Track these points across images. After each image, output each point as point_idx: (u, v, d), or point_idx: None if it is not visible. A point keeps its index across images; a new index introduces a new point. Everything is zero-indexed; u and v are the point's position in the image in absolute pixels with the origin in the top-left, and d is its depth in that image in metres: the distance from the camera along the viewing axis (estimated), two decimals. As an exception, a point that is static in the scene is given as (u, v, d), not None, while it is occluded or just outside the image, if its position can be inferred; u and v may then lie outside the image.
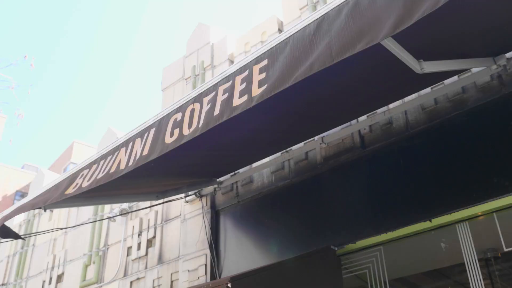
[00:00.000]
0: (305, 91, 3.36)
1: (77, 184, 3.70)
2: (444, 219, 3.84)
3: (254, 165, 5.15)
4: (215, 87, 3.05)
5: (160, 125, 3.31)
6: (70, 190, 3.71)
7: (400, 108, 4.25)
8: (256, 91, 2.70)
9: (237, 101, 2.80)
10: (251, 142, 4.28)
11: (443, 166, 3.90)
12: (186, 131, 3.05)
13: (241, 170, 5.24)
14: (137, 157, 3.27)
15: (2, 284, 8.22)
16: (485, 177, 3.65)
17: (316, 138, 4.73)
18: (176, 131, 3.12)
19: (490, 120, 3.79)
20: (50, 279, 7.32)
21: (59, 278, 7.22)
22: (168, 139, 3.15)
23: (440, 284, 5.70)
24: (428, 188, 3.91)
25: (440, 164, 3.92)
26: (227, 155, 4.47)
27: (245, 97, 2.75)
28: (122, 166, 3.35)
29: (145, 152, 3.28)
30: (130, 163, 3.29)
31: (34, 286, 7.59)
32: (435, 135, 4.03)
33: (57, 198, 3.79)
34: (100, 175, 3.45)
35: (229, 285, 3.11)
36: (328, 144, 4.65)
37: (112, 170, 3.40)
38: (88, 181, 3.53)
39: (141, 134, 3.46)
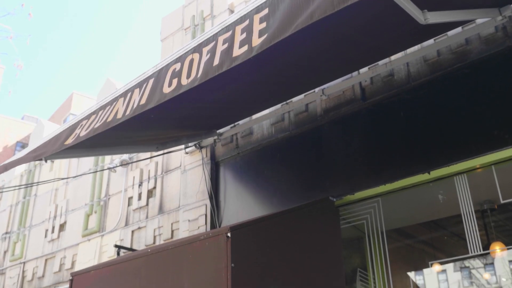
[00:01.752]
0: (306, 42, 3.31)
1: (76, 134, 3.70)
2: (443, 171, 3.86)
3: (254, 116, 5.14)
4: (214, 37, 2.99)
5: (159, 75, 3.27)
6: (69, 141, 3.71)
7: (402, 60, 4.20)
8: (256, 41, 2.65)
9: (237, 51, 2.75)
10: (251, 94, 4.25)
11: (444, 118, 3.89)
12: (184, 81, 3.02)
13: (241, 122, 5.23)
14: (134, 106, 3.25)
15: (6, 233, 8.37)
16: (485, 130, 3.65)
17: (316, 90, 4.69)
18: (175, 81, 3.08)
19: (492, 72, 3.75)
20: (53, 228, 7.45)
21: (62, 227, 7.34)
22: (166, 89, 3.12)
23: (436, 235, 5.81)
24: (427, 141, 3.92)
25: (441, 116, 3.91)
26: (227, 107, 4.45)
27: (245, 47, 2.70)
28: (119, 115, 3.33)
29: (143, 101, 3.25)
30: (128, 112, 3.27)
31: (37, 234, 7.73)
32: (437, 87, 4.00)
33: (57, 148, 3.80)
34: (98, 124, 3.45)
35: (228, 234, 3.16)
36: (328, 96, 4.62)
37: (109, 119, 3.39)
38: (86, 130, 3.53)
39: (139, 84, 3.43)
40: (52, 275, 7.09)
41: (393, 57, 4.26)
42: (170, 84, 3.09)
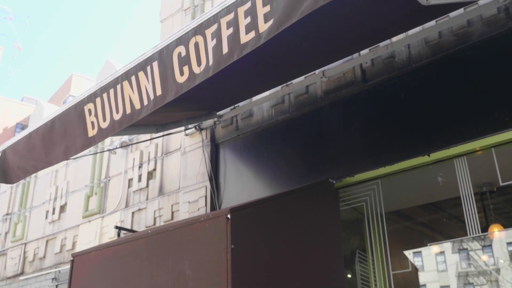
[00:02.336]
0: (307, 24, 3.28)
1: (93, 124, 3.61)
2: (443, 154, 3.86)
3: (254, 98, 5.12)
4: (215, 18, 2.96)
5: (162, 58, 3.21)
6: (92, 133, 3.62)
7: (403, 42, 4.17)
8: (262, 26, 2.63)
9: (244, 37, 2.72)
10: (251, 76, 4.23)
11: (444, 100, 3.88)
12: (196, 69, 2.97)
13: (241, 104, 5.22)
14: (151, 96, 3.20)
15: (7, 214, 8.41)
16: (485, 112, 3.64)
17: (316, 71, 4.67)
18: (186, 69, 3.03)
19: (494, 54, 3.73)
20: (53, 209, 7.48)
21: (62, 208, 7.38)
22: (180, 78, 3.06)
23: (435, 217, 5.84)
24: (427, 123, 3.91)
25: (441, 98, 3.90)
26: (227, 89, 4.43)
27: (252, 34, 2.67)
28: (138, 106, 3.28)
29: (158, 91, 3.19)
30: (146, 103, 3.22)
31: (37, 216, 7.77)
32: (438, 69, 3.98)
33: (86, 145, 3.71)
34: (118, 117, 3.38)
35: (228, 216, 3.18)
36: (328, 78, 4.61)
37: (128, 110, 3.33)
38: (105, 121, 3.48)
39: (142, 67, 3.35)
40: (53, 256, 7.14)
41: (394, 39, 4.23)
42: (182, 73, 3.04)
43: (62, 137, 3.85)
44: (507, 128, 3.51)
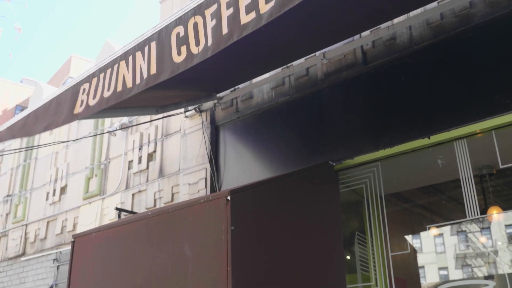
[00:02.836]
0: (308, 4, 3.25)
1: (82, 101, 3.63)
2: (443, 136, 3.86)
3: (254, 80, 5.10)
4: (215, -1, 2.93)
5: (160, 38, 3.20)
6: (78, 109, 3.64)
7: (404, 23, 4.14)
8: (263, 7, 2.59)
9: (244, 18, 2.69)
10: (251, 57, 4.21)
11: (445, 83, 3.86)
12: (194, 50, 2.95)
13: (241, 86, 5.20)
14: (145, 75, 3.18)
15: (8, 195, 8.44)
16: (486, 95, 3.63)
17: (317, 53, 4.64)
18: (184, 49, 3.00)
19: (496, 36, 3.70)
20: (54, 191, 7.50)
21: (63, 190, 7.40)
22: (177, 58, 3.03)
23: (434, 199, 5.86)
24: (428, 105, 3.90)
25: (442, 81, 3.88)
26: (227, 70, 4.41)
27: (253, 14, 2.64)
28: (129, 84, 3.26)
29: (153, 70, 3.17)
30: (138, 82, 3.21)
31: (38, 197, 7.79)
32: (439, 51, 3.96)
33: (68, 119, 3.73)
34: (108, 94, 3.38)
35: (228, 197, 3.18)
36: (329, 60, 4.58)
37: (119, 88, 3.31)
38: (94, 98, 3.47)
39: (140, 47, 3.35)
40: (54, 237, 7.18)
41: (395, 20, 4.20)
42: (179, 53, 3.01)
43: (51, 114, 3.87)
44: (508, 111, 3.50)
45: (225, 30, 2.78)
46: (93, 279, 3.99)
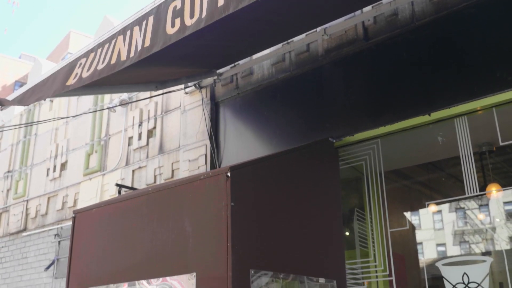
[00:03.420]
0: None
1: (76, 74, 3.64)
2: (443, 113, 3.85)
3: (254, 56, 5.07)
4: (213, -29, 2.89)
5: (158, 12, 3.18)
6: (71, 81, 3.65)
7: (406, -1, 4.09)
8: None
9: (241, -10, 2.66)
10: (251, 32, 4.17)
11: (447, 59, 3.83)
12: (188, 21, 2.93)
13: (241, 62, 5.17)
14: (139, 48, 3.17)
15: (8, 171, 8.46)
16: (488, 71, 3.61)
17: (318, 29, 4.60)
18: (178, 21, 2.99)
19: (499, 12, 3.66)
20: (54, 167, 7.52)
21: (63, 166, 7.41)
22: (170, 30, 3.02)
23: (433, 176, 5.88)
24: (429, 82, 3.88)
25: (444, 57, 3.85)
26: (227, 46, 4.38)
27: (250, -14, 2.61)
28: (123, 57, 3.26)
29: (147, 43, 3.17)
30: (132, 54, 3.20)
31: (39, 173, 7.82)
32: (441, 27, 3.92)
33: (59, 90, 3.74)
34: (101, 66, 3.38)
35: (228, 174, 3.19)
36: (330, 36, 4.54)
37: (113, 61, 3.31)
38: (88, 71, 3.47)
39: (138, 22, 3.34)
40: (55, 213, 7.23)
41: (397, -4, 4.15)
42: (173, 25, 3.00)
43: (46, 87, 3.87)
44: (510, 88, 3.49)
45: (220, 2, 2.75)
46: (94, 254, 4.03)
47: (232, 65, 5.22)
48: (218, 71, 5.27)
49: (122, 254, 3.81)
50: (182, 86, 5.58)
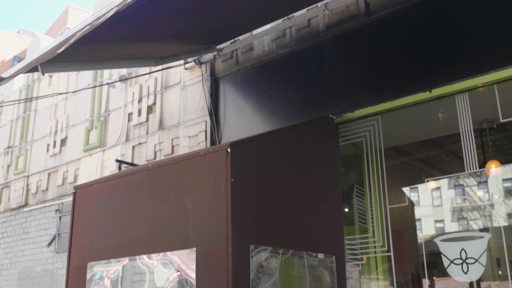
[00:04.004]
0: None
1: (69, 43, 3.62)
2: (444, 90, 3.83)
3: (255, 32, 5.02)
4: None
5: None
6: (62, 49, 3.63)
7: (409, -27, 4.03)
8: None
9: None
10: (252, 7, 4.12)
11: (448, 36, 3.80)
12: None
13: (241, 37, 5.12)
14: (123, 3, 3.12)
15: (8, 147, 8.47)
16: (489, 48, 3.58)
17: (319, 4, 4.54)
18: None
19: (502, -13, 3.61)
20: (54, 142, 7.52)
21: (63, 142, 7.41)
22: None
23: (433, 153, 5.89)
24: (430, 58, 3.85)
25: (445, 33, 3.82)
26: (227, 21, 4.33)
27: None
28: (108, 16, 3.22)
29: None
30: (114, 11, 3.14)
31: (39, 149, 7.82)
32: (443, 3, 3.87)
33: (49, 55, 3.72)
34: (86, 27, 3.34)
35: (228, 150, 3.19)
36: (331, 11, 4.49)
37: (97, 21, 3.28)
38: (76, 37, 3.44)
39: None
40: (56, 188, 7.26)
41: (400, -30, 4.09)
42: None
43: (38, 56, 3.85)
44: (511, 64, 3.46)
45: None
46: (95, 230, 4.06)
47: (232, 40, 5.18)
48: (218, 47, 5.23)
49: (122, 230, 3.84)
50: (182, 61, 5.54)
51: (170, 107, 5.86)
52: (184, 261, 3.34)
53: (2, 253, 7.89)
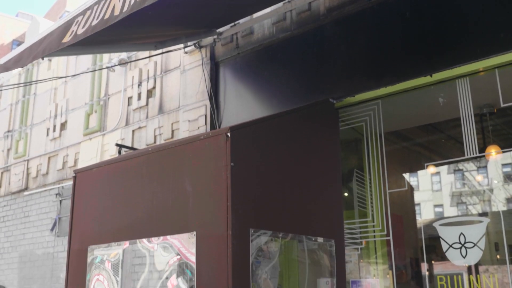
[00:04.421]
0: None
1: (72, 31, 3.59)
2: (445, 74, 3.81)
3: (255, 15, 4.98)
4: None
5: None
6: (67, 39, 3.61)
7: (411, -44, 3.99)
8: None
9: None
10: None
11: (450, 20, 3.77)
12: None
13: (241, 21, 5.09)
14: (132, 2, 3.12)
15: (8, 131, 8.47)
16: (491, 32, 3.55)
17: (320, -13, 4.51)
18: None
19: (505, -30, 3.58)
20: (54, 126, 7.52)
21: (63, 126, 7.41)
22: None
23: (433, 138, 5.88)
24: (432, 43, 3.83)
25: (447, 18, 3.79)
26: (227, 3, 4.30)
27: None
28: (117, 12, 3.21)
29: None
30: (125, 9, 3.15)
31: (39, 133, 7.82)
32: (446, -14, 3.84)
33: (55, 47, 3.71)
34: (95, 22, 3.34)
35: (228, 134, 3.19)
36: (332, -5, 4.46)
37: (107, 16, 3.26)
38: (83, 28, 3.43)
39: (136, -22, 3.27)
40: (56, 172, 7.27)
41: (402, -47, 4.04)
42: None
43: (43, 46, 3.83)
44: (513, 49, 3.44)
45: None
46: (96, 213, 4.07)
47: (232, 24, 5.14)
48: (218, 31, 5.20)
49: (123, 213, 3.85)
50: (182, 45, 5.51)
51: (170, 91, 5.84)
52: (184, 244, 3.35)
53: (3, 236, 7.93)
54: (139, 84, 6.25)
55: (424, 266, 5.36)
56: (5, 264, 7.74)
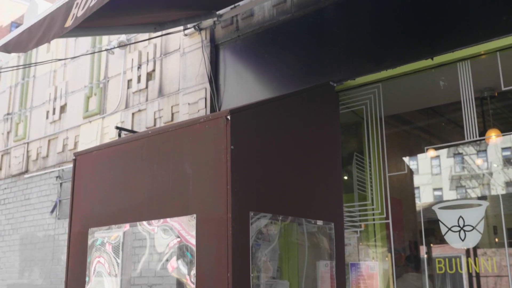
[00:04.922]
0: None
1: (73, 14, 3.56)
2: (446, 57, 3.79)
3: (255, -3, 4.94)
4: None
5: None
6: (69, 23, 3.58)
7: None
8: None
9: None
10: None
11: (451, 2, 3.74)
12: None
13: (241, 3, 5.04)
14: None
15: (8, 114, 8.45)
16: (493, 15, 3.53)
17: (321, -31, 4.46)
18: None
19: (508, -48, 3.54)
20: (54, 109, 7.50)
21: (62, 108, 7.39)
22: None
23: (433, 121, 5.88)
24: (433, 26, 3.80)
25: (448, 0, 3.76)
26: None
27: None
28: None
29: None
30: None
31: (38, 116, 7.81)
32: (448, -32, 3.80)
33: (58, 33, 3.67)
34: (93, 2, 3.31)
35: (228, 117, 3.18)
36: (333, -24, 4.41)
37: None
38: (82, 10, 3.39)
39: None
40: (56, 155, 7.27)
41: None
42: None
43: (44, 29, 3.81)
44: (515, 32, 3.42)
45: None
46: (96, 196, 4.09)
47: (232, 6, 5.10)
48: (218, 13, 5.15)
49: (123, 196, 3.87)
50: (181, 28, 5.47)
51: (169, 74, 5.82)
52: (184, 227, 3.37)
53: (4, 219, 7.97)
54: (139, 67, 6.22)
55: (423, 249, 5.40)
56: (6, 246, 7.79)
